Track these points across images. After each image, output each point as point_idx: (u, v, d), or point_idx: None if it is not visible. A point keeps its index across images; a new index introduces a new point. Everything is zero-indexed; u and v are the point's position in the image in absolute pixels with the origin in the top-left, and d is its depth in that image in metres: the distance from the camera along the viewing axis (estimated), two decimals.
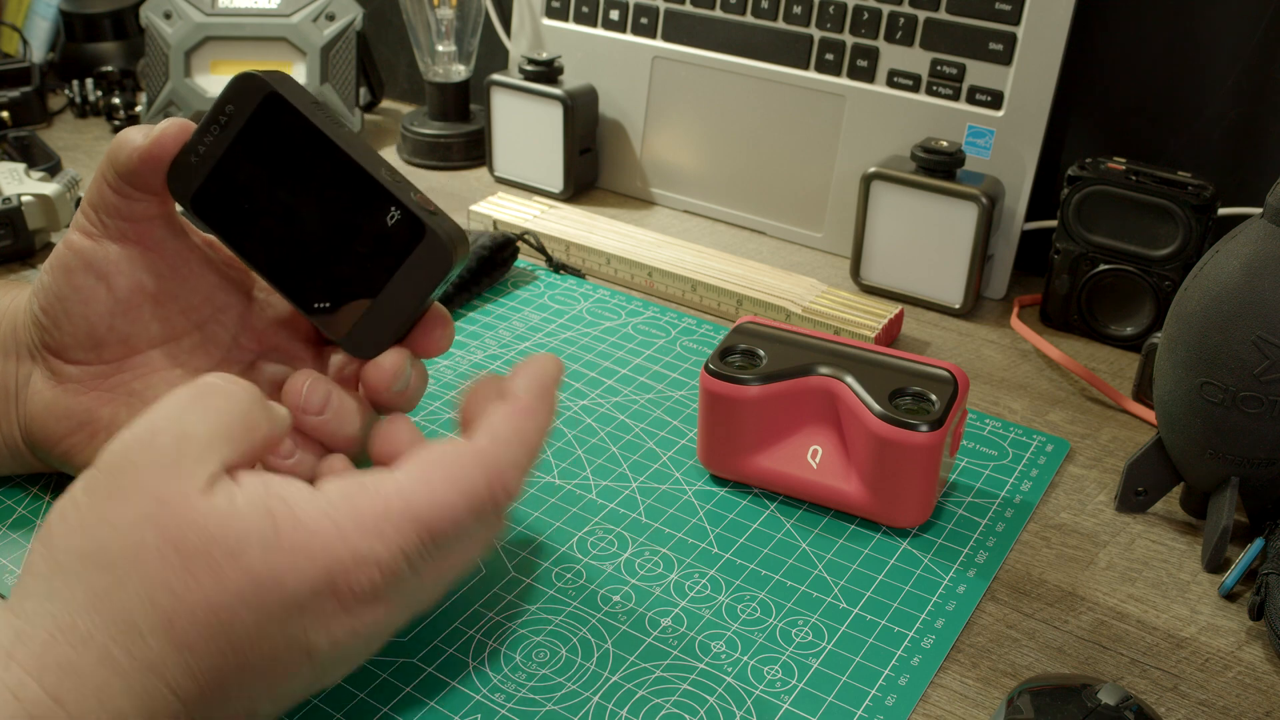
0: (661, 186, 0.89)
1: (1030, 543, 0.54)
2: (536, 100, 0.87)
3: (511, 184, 0.92)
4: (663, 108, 0.87)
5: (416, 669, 0.46)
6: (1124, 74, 0.74)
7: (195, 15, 0.95)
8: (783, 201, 0.84)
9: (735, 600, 0.50)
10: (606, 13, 0.88)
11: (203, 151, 0.45)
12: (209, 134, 0.44)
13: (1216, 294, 0.49)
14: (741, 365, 0.55)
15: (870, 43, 0.78)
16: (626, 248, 0.77)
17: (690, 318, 0.73)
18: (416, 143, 0.96)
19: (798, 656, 0.47)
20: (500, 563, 0.51)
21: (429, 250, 0.43)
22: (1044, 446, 0.61)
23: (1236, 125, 0.72)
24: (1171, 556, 0.53)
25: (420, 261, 0.44)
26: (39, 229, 0.78)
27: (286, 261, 0.45)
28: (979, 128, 0.75)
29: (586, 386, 0.65)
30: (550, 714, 0.44)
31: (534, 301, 0.74)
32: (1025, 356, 0.70)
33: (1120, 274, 0.69)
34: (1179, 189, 0.66)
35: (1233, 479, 0.52)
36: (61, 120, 1.05)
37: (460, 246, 0.45)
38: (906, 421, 0.50)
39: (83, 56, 1.09)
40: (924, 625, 0.48)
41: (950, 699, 0.45)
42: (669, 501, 0.56)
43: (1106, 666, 0.47)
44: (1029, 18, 0.72)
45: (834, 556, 0.52)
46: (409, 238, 0.43)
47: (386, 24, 1.08)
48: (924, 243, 0.73)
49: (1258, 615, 0.49)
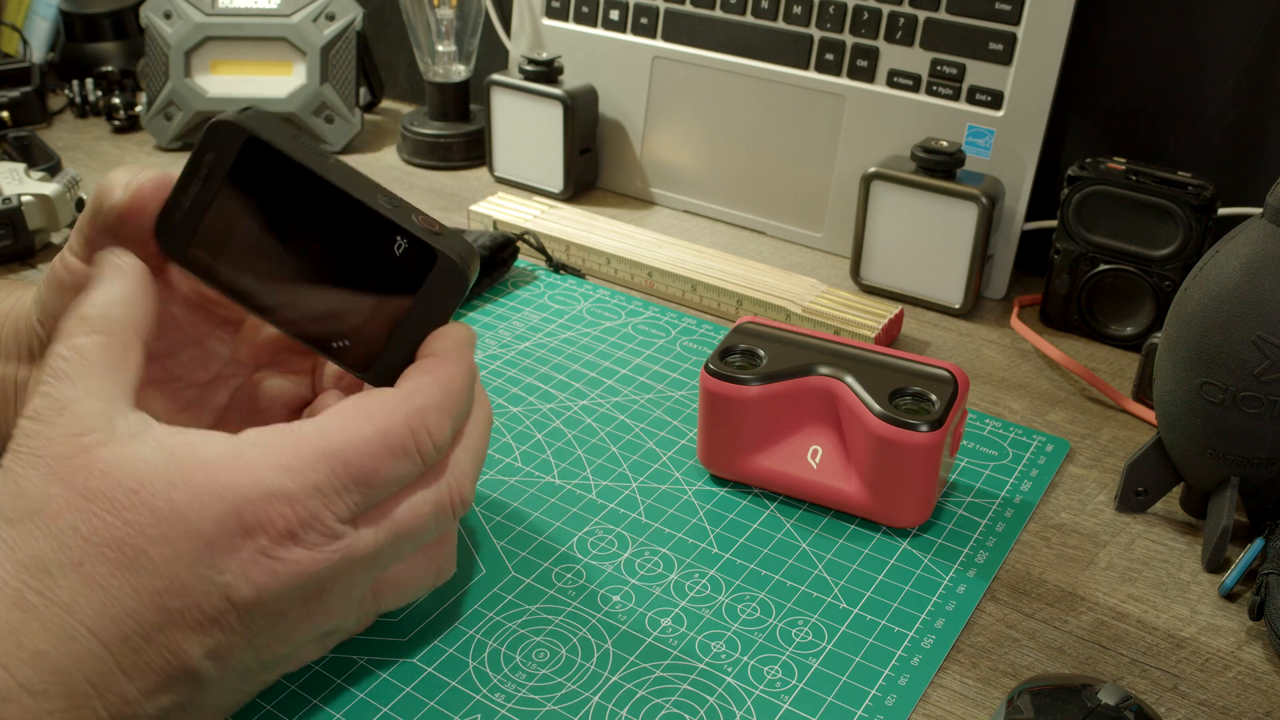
0: (661, 186, 0.89)
1: (1030, 543, 0.54)
2: (536, 100, 0.87)
3: (511, 184, 0.92)
4: (663, 108, 0.87)
5: (416, 669, 0.46)
6: (1124, 74, 0.74)
7: (195, 15, 0.95)
8: (783, 201, 0.84)
9: (735, 600, 0.50)
10: (606, 13, 0.88)
11: (188, 205, 0.42)
12: (192, 185, 0.42)
13: (1216, 294, 0.49)
14: (741, 365, 0.55)
15: (870, 43, 0.78)
16: (626, 248, 0.77)
17: (690, 318, 0.73)
18: (416, 143, 0.96)
19: (798, 656, 0.47)
20: (500, 563, 0.51)
21: (442, 274, 0.42)
22: (1044, 446, 0.61)
23: (1236, 125, 0.72)
24: (1171, 556, 0.53)
25: (436, 286, 0.42)
26: (39, 229, 0.78)
27: (296, 307, 0.43)
28: (979, 128, 0.75)
29: (586, 386, 0.65)
30: (550, 714, 0.44)
31: (534, 301, 0.74)
32: (1025, 356, 0.70)
33: (1120, 274, 0.69)
34: (1179, 189, 0.66)
35: (1233, 479, 0.52)
36: (61, 120, 1.05)
37: (472, 263, 0.43)
38: (906, 421, 0.50)
39: (83, 56, 1.09)
40: (924, 625, 0.48)
41: (950, 699, 0.45)
42: (669, 501, 0.56)
43: (1106, 666, 0.47)
44: (1029, 18, 0.72)
45: (834, 556, 0.52)
46: (420, 264, 0.42)
47: (386, 24, 1.08)
48: (924, 243, 0.73)
49: (1258, 615, 0.49)
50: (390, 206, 0.42)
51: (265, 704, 0.44)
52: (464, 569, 0.51)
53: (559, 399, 0.64)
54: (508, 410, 0.63)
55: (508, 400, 0.64)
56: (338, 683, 0.45)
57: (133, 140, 1.00)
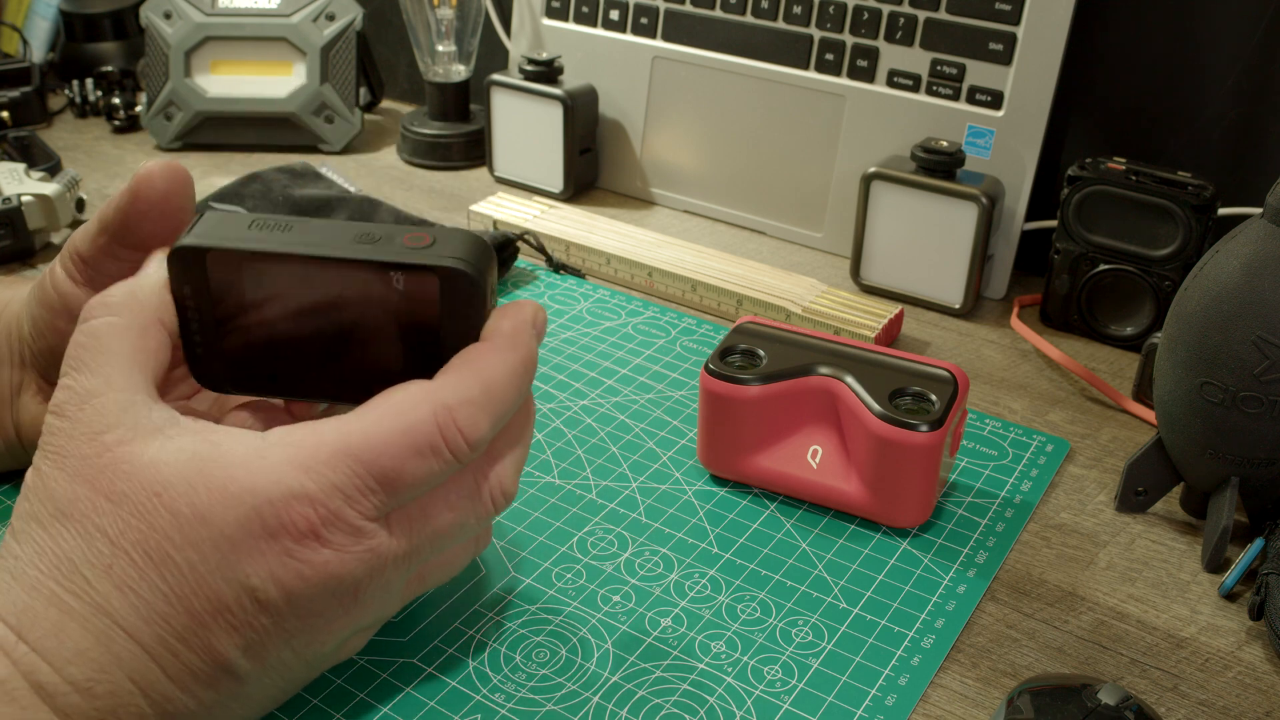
0: (661, 186, 0.89)
1: (1030, 543, 0.54)
2: (536, 100, 0.87)
3: (511, 184, 0.92)
4: (663, 108, 0.87)
5: (416, 669, 0.46)
6: (1124, 74, 0.74)
7: (195, 15, 0.95)
8: (783, 201, 0.84)
9: (735, 600, 0.50)
10: (606, 13, 0.88)
11: (200, 339, 0.42)
12: (190, 321, 0.41)
13: (1216, 294, 0.49)
14: (741, 365, 0.55)
15: (870, 43, 0.78)
16: (626, 248, 0.77)
17: (690, 318, 0.73)
18: (416, 143, 0.96)
19: (798, 656, 0.47)
20: (500, 563, 0.51)
21: (451, 286, 0.40)
22: (1044, 446, 0.61)
23: (1236, 125, 0.72)
24: (1171, 556, 0.53)
25: (450, 299, 0.40)
26: (39, 229, 0.78)
27: (338, 378, 0.42)
28: (979, 128, 0.75)
29: (586, 386, 0.65)
30: (550, 714, 0.44)
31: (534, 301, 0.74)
32: (1025, 356, 0.70)
33: (1120, 274, 0.69)
34: (1179, 189, 0.66)
35: (1233, 479, 0.52)
36: (61, 120, 1.05)
37: (479, 257, 0.41)
38: (906, 421, 0.50)
39: (83, 56, 1.09)
40: (924, 625, 0.48)
41: (950, 699, 0.45)
42: (669, 501, 0.56)
43: (1106, 666, 0.47)
44: (1029, 18, 0.72)
45: (834, 556, 0.52)
46: (426, 286, 0.40)
47: (386, 24, 1.08)
48: (924, 243, 0.73)
49: (1258, 615, 0.49)
50: (371, 244, 0.40)
51: None
52: (464, 569, 0.51)
53: (559, 399, 0.64)
54: None
55: None
56: (338, 683, 0.45)
57: (133, 140, 1.00)
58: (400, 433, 0.37)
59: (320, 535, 0.36)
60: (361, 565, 0.37)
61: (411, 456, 0.37)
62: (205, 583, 0.35)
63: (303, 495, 0.36)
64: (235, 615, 0.36)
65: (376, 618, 0.40)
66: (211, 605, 0.35)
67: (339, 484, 0.36)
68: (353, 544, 0.37)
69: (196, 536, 0.35)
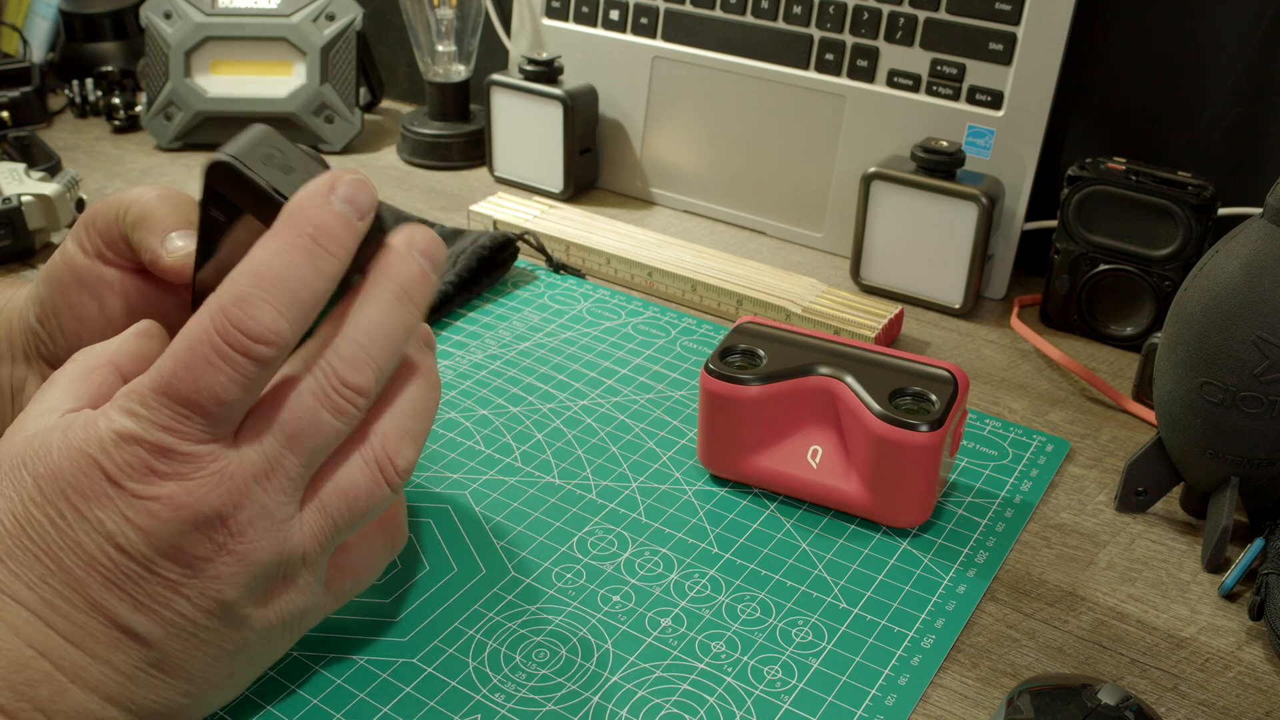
0: (661, 186, 0.89)
1: (1030, 543, 0.54)
2: (536, 100, 0.87)
3: (511, 184, 0.92)
4: (663, 108, 0.87)
5: (416, 669, 0.46)
6: (1124, 74, 0.74)
7: (195, 15, 0.95)
8: (783, 201, 0.84)
9: (735, 600, 0.50)
10: (606, 13, 0.88)
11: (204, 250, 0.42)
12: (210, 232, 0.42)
13: (1216, 294, 0.49)
14: (741, 365, 0.55)
15: (870, 43, 0.78)
16: (626, 248, 0.77)
17: (690, 318, 0.73)
18: (416, 143, 0.96)
19: (798, 656, 0.47)
20: (500, 563, 0.51)
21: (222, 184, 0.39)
22: (1044, 446, 0.61)
23: (1236, 125, 0.72)
24: (1171, 556, 0.53)
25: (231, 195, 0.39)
26: (39, 229, 0.78)
27: None
28: (979, 128, 0.75)
29: (586, 386, 0.65)
30: (550, 714, 0.44)
31: (534, 301, 0.74)
32: (1025, 356, 0.70)
33: (1120, 274, 0.69)
34: (1179, 189, 0.66)
35: (1233, 479, 0.52)
36: (61, 120, 1.05)
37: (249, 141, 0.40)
38: (906, 421, 0.50)
39: (83, 56, 1.09)
40: (924, 625, 0.48)
41: (950, 699, 0.45)
42: (669, 501, 0.56)
43: (1106, 666, 0.47)
44: (1029, 18, 0.72)
45: (834, 556, 0.52)
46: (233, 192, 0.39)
47: (386, 24, 1.08)
48: (924, 243, 0.73)
49: (1258, 615, 0.49)
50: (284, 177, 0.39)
51: (265, 703, 0.44)
52: (464, 569, 0.51)
53: (559, 399, 0.64)
54: (508, 410, 0.63)
55: (508, 400, 0.64)
56: (338, 683, 0.45)
57: (133, 140, 1.00)
58: (185, 350, 0.36)
59: (156, 469, 0.37)
60: (214, 491, 0.37)
61: (202, 367, 0.36)
62: (69, 536, 0.37)
63: (129, 435, 0.37)
64: (106, 567, 0.37)
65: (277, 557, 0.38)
66: (82, 559, 0.37)
67: (153, 418, 0.37)
68: (193, 470, 0.37)
69: (52, 492, 0.37)
